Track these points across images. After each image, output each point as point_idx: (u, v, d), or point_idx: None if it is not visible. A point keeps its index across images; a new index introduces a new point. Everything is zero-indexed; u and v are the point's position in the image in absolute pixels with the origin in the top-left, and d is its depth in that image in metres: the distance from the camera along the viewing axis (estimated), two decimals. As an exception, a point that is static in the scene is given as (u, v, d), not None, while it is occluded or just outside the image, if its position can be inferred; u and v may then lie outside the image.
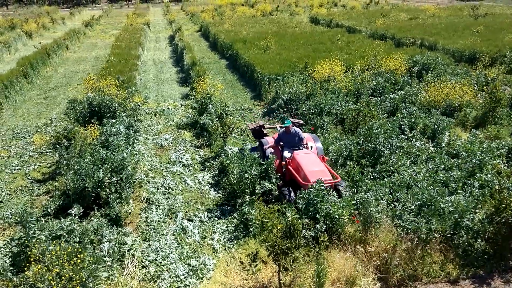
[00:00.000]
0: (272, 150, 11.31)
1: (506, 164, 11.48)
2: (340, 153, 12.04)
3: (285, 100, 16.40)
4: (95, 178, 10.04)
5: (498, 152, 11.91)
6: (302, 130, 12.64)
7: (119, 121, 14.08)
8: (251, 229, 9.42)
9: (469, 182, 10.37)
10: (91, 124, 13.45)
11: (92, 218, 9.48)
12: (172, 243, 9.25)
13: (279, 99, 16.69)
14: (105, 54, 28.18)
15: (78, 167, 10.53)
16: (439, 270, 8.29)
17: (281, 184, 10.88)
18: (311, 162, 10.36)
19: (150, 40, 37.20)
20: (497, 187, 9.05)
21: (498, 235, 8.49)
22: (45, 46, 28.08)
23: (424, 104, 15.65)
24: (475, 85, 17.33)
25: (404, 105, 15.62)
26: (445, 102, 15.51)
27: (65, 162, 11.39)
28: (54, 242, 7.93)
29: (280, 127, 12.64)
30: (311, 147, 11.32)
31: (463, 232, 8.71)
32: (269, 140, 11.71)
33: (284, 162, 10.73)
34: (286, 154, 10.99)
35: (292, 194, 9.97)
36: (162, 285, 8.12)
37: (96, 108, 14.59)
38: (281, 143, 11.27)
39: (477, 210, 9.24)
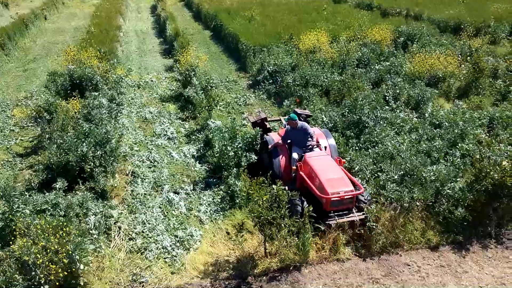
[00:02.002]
0: (279, 150, 9.80)
1: (487, 134, 11.69)
2: (326, 125, 12.10)
3: (271, 71, 16.29)
4: (78, 152, 9.94)
5: (479, 122, 12.12)
6: (310, 125, 11.04)
7: (102, 94, 13.86)
8: (237, 201, 9.50)
9: (451, 151, 10.57)
10: (72, 97, 13.21)
11: (77, 192, 9.44)
12: (158, 215, 9.30)
13: (264, 71, 16.57)
14: (85, 25, 27.43)
15: (61, 141, 10.40)
16: (420, 237, 8.52)
17: (290, 189, 8.80)
18: (327, 167, 8.83)
19: (132, 10, 36.28)
20: (477, 156, 9.24)
21: (478, 202, 8.73)
22: (22, 16, 27.18)
23: (408, 75, 15.71)
24: (459, 55, 17.42)
25: (389, 76, 15.66)
26: (430, 72, 15.59)
27: (47, 136, 11.24)
28: (39, 216, 7.91)
29: (285, 119, 11.20)
30: (325, 147, 9.71)
31: (444, 200, 8.93)
32: (274, 137, 10.18)
33: (294, 167, 9.23)
34: (295, 155, 9.41)
35: (305, 204, 8.31)
36: (149, 256, 8.20)
37: (78, 81, 14.30)
38: (289, 141, 9.81)
39: (458, 179, 9.45)
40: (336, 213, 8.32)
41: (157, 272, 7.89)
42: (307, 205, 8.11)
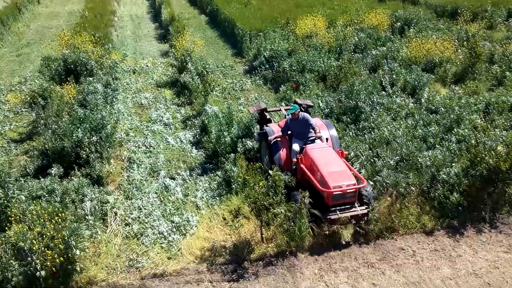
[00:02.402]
0: (280, 142, 9.35)
1: (483, 119, 11.69)
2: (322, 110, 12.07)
3: (267, 57, 16.18)
4: (74, 137, 9.90)
5: (475, 107, 12.11)
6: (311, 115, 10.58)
7: (97, 79, 13.77)
8: (234, 186, 9.50)
9: (447, 137, 10.58)
10: (67, 83, 13.12)
11: (72, 177, 9.42)
12: (154, 201, 9.31)
13: (261, 56, 16.46)
14: (79, 9, 27.09)
15: (56, 126, 10.35)
16: (415, 221, 8.57)
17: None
18: (328, 159, 8.49)
19: (126, -6, 35.81)
20: (473, 142, 9.26)
21: (473, 187, 8.77)
22: (15, 0, 26.81)
23: (405, 60, 15.64)
24: (456, 40, 17.33)
25: (385, 61, 15.59)
26: (426, 58, 15.52)
27: (42, 121, 11.18)
28: (35, 202, 7.89)
29: (285, 109, 10.90)
30: (326, 139, 9.32)
31: (439, 185, 8.97)
32: (274, 129, 9.73)
33: (294, 159, 8.83)
34: (296, 147, 9.07)
35: (305, 194, 8.01)
36: (145, 242, 8.23)
37: (72, 66, 14.18)
38: (289, 132, 9.45)
39: (453, 164, 9.48)
40: (338, 208, 8.01)
41: (154, 257, 7.92)
42: (308, 196, 7.87)
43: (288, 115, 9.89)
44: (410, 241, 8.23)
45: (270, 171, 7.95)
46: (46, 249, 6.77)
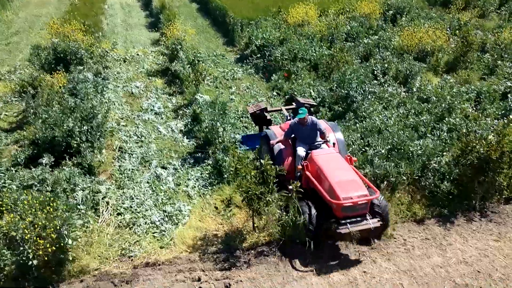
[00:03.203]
0: (282, 146, 8.66)
1: (474, 108, 11.77)
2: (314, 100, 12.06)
3: (258, 45, 16.10)
4: (64, 127, 9.82)
5: (467, 96, 12.18)
6: (316, 116, 10.34)
7: (87, 68, 13.63)
8: (225, 176, 9.50)
9: (438, 126, 10.64)
10: (57, 71, 12.95)
11: (63, 167, 9.34)
12: (146, 190, 9.28)
13: (252, 45, 16.37)
14: (69, -3, 26.68)
15: (46, 115, 10.24)
16: (406, 210, 8.65)
17: (297, 190, 8.15)
18: (337, 167, 7.82)
19: (117, -18, 35.30)
20: (464, 131, 9.31)
21: (463, 176, 8.84)
22: (3, -13, 26.31)
23: (397, 49, 15.64)
24: (448, 29, 17.35)
25: (377, 50, 15.58)
26: (418, 46, 15.53)
27: (32, 110, 11.05)
28: (26, 191, 7.84)
29: (287, 109, 10.37)
30: (334, 144, 8.63)
31: (430, 174, 9.03)
32: (276, 132, 9.05)
33: (299, 166, 8.17)
34: (300, 151, 8.40)
35: (314, 210, 7.57)
36: (138, 231, 8.23)
37: (62, 55, 14.01)
38: (293, 136, 8.77)
39: (444, 153, 9.54)
40: (348, 220, 7.34)
41: (146, 246, 7.93)
42: (315, 212, 7.46)
43: (289, 117, 9.50)
44: (401, 230, 8.30)
45: (262, 160, 7.93)
46: (38, 238, 6.74)
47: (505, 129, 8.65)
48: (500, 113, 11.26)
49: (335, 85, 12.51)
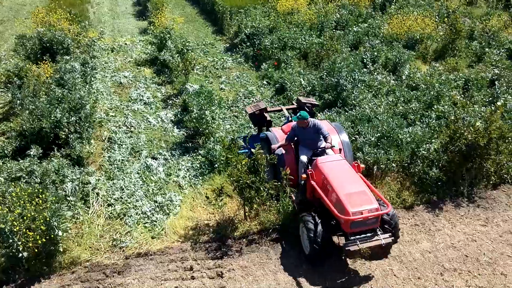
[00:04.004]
0: (283, 151, 8.17)
1: (462, 95, 11.85)
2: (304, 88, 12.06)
3: (248, 34, 15.99)
4: (52, 118, 9.70)
5: (455, 84, 12.27)
6: (317, 118, 9.88)
7: (74, 57, 13.43)
8: (216, 165, 9.49)
9: (427, 113, 10.72)
10: (43, 61, 12.76)
11: (52, 158, 9.25)
12: (137, 181, 9.25)
13: (242, 34, 16.26)
14: (54, -15, 26.18)
15: (33, 106, 10.10)
16: (395, 197, 8.72)
17: (299, 200, 7.86)
18: (344, 177, 7.23)
19: (103, -30, 34.72)
20: (452, 118, 9.39)
21: (452, 163, 8.94)
22: (-15, -24, 25.74)
23: (386, 37, 15.66)
24: (437, 17, 17.40)
25: (367, 38, 15.58)
26: (407, 34, 15.57)
27: (18, 101, 10.88)
28: (14, 183, 7.77)
29: (287, 109, 9.94)
30: (340, 149, 8.07)
31: (419, 161, 9.12)
32: (277, 135, 8.53)
33: (303, 175, 7.55)
34: (303, 158, 7.88)
35: (319, 223, 6.96)
36: (129, 222, 8.21)
37: (48, 44, 13.79)
38: (295, 139, 8.24)
39: (433, 140, 9.63)
40: (358, 236, 6.86)
41: (137, 237, 7.92)
42: (321, 225, 6.90)
43: (290, 118, 9.09)
44: (391, 216, 8.38)
45: (253, 149, 7.93)
46: (27, 230, 6.70)
47: (492, 116, 8.74)
48: (487, 100, 11.37)
49: (325, 73, 12.50)
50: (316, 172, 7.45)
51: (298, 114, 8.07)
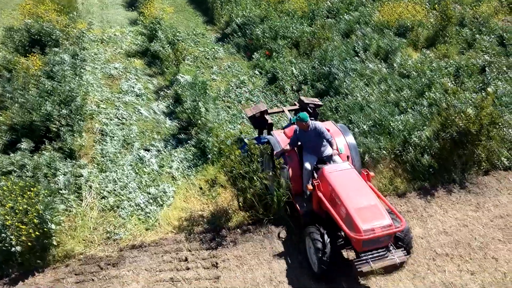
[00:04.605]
0: (287, 155, 7.73)
1: (454, 82, 11.89)
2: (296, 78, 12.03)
3: (239, 24, 15.87)
4: (42, 111, 9.62)
5: (446, 71, 12.29)
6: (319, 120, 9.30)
7: (63, 49, 13.27)
8: (209, 156, 9.48)
9: (418, 101, 10.74)
10: (32, 54, 12.60)
11: (43, 152, 9.19)
12: (130, 173, 9.22)
13: (233, 23, 16.13)
14: (41, -24, 25.78)
15: (23, 100, 10.01)
16: (388, 184, 8.78)
17: (305, 211, 7.39)
18: (353, 188, 6.73)
19: (90, -40, 34.23)
20: (443, 105, 9.43)
21: (443, 150, 9.01)
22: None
23: (377, 25, 15.61)
24: (427, 3, 17.36)
25: (358, 26, 15.53)
26: (398, 22, 15.53)
27: (8, 95, 10.75)
28: (5, 177, 7.71)
29: (289, 110, 9.42)
30: (348, 156, 7.60)
31: (411, 148, 9.17)
32: (279, 139, 8.03)
33: (309, 186, 7.10)
34: (308, 165, 7.43)
35: (327, 238, 6.52)
36: (122, 214, 8.20)
37: (36, 36, 13.61)
38: (299, 143, 7.78)
39: (425, 128, 9.67)
40: (369, 254, 6.37)
41: (131, 229, 7.92)
42: (329, 241, 6.47)
43: (293, 120, 8.57)
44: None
45: (246, 140, 7.92)
46: (20, 224, 6.68)
47: (483, 102, 8.79)
48: (478, 86, 11.42)
49: (317, 62, 12.48)
50: (323, 183, 6.94)
51: (297, 116, 7.60)
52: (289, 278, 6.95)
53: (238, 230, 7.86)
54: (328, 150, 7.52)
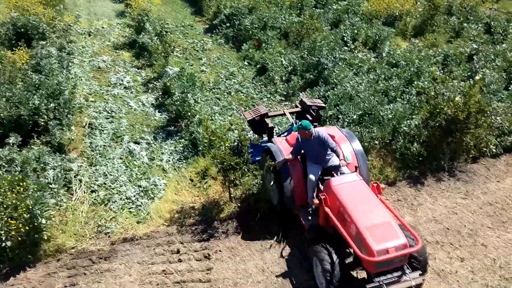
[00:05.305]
0: (289, 165, 7.16)
1: (442, 71, 11.98)
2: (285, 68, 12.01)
3: (227, 15, 15.78)
4: (30, 105, 9.50)
5: (434, 60, 12.38)
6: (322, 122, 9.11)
7: (50, 43, 13.08)
8: (200, 148, 9.46)
9: (407, 90, 10.82)
10: (18, 47, 12.41)
11: (32, 146, 9.08)
12: (120, 166, 9.17)
13: (221, 14, 16.03)
14: (26, -32, 25.34)
15: (10, 94, 9.86)
16: (378, 173, 8.85)
17: (310, 225, 6.90)
18: (363, 203, 6.21)
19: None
20: (432, 93, 9.50)
21: (432, 138, 9.09)
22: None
23: (366, 15, 15.64)
24: (416, -7, 17.40)
25: (347, 16, 15.54)
26: (386, 11, 15.57)
27: (-6, 89, 10.62)
28: (-6, 172, 7.63)
29: (290, 113, 8.86)
30: (356, 167, 6.97)
31: (400, 137, 9.24)
32: (281, 147, 7.44)
33: (315, 200, 6.53)
34: (312, 177, 6.90)
35: (336, 258, 6.00)
36: (113, 208, 8.17)
37: (22, 30, 13.40)
38: (302, 151, 7.24)
39: (414, 116, 9.74)
40: (383, 277, 5.80)
41: (123, 222, 7.90)
42: (338, 261, 5.96)
43: (295, 124, 8.15)
44: (374, 192, 8.50)
45: (236, 131, 7.90)
46: (9, 219, 6.62)
47: (471, 90, 8.87)
48: (466, 74, 11.52)
49: (306, 52, 12.47)
50: (330, 197, 6.39)
51: (298, 124, 7.10)
52: (281, 268, 6.99)
53: (230, 221, 7.88)
54: (334, 160, 7.03)
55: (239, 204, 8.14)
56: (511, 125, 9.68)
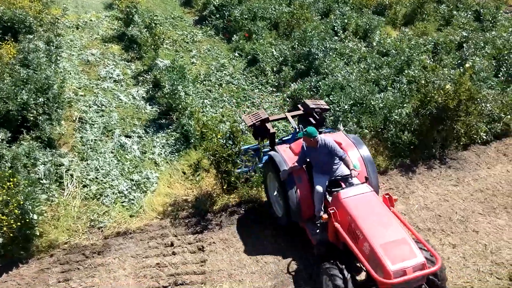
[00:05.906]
0: (295, 176, 6.67)
1: (432, 59, 12.00)
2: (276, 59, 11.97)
3: (217, 5, 15.64)
4: (18, 100, 9.39)
5: (424, 48, 12.40)
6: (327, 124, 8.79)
7: (37, 36, 12.92)
8: (192, 141, 9.42)
9: (398, 78, 10.83)
10: (5, 42, 12.24)
11: (22, 142, 8.99)
12: (111, 160, 9.12)
13: (210, 5, 15.89)
14: (10, -39, 24.91)
15: (-2, 89, 9.74)
16: (370, 163, 8.86)
17: (319, 241, 6.46)
18: (376, 217, 5.74)
19: None
20: (423, 82, 9.52)
21: (423, 126, 9.12)
22: None
23: (356, 4, 15.60)
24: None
25: (337, 5, 15.49)
26: (376, 0, 15.54)
27: (-19, 85, 10.47)
28: (-17, 169, 7.54)
29: (292, 116, 8.37)
30: (366, 178, 6.43)
31: (391, 126, 9.27)
32: (285, 156, 6.91)
33: (324, 215, 6.15)
34: (319, 188, 6.40)
35: (347, 274, 5.55)
36: (105, 202, 8.13)
37: (9, 24, 13.20)
38: (307, 160, 6.75)
39: (405, 105, 9.77)
40: None
41: (116, 216, 7.87)
42: (349, 275, 5.54)
43: (298, 129, 7.81)
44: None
45: (228, 122, 7.88)
46: (0, 215, 6.57)
47: (461, 78, 8.90)
48: (456, 62, 11.56)
49: (296, 43, 12.44)
50: (340, 211, 5.93)
51: (304, 131, 6.64)
52: (275, 258, 7.02)
53: (223, 213, 7.88)
54: (342, 170, 6.58)
55: (232, 196, 8.14)
56: (501, 112, 9.74)
